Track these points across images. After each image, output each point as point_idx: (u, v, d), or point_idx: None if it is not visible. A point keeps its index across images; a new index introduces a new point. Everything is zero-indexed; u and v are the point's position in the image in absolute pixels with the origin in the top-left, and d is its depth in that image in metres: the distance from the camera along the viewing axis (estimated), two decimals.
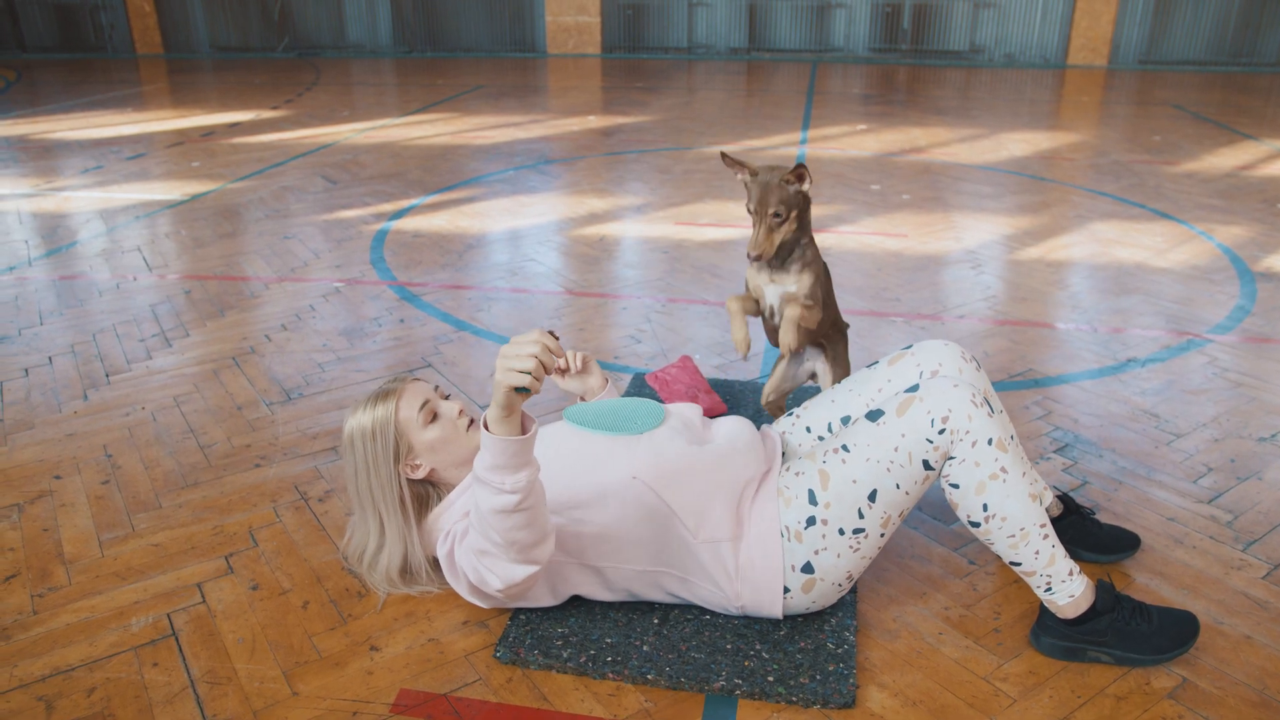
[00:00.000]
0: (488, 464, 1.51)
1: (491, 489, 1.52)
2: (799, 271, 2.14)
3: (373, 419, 1.83)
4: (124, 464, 2.43)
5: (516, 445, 1.49)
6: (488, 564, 1.62)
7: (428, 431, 1.84)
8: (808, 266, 2.15)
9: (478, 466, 1.53)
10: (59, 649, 1.79)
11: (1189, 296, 3.63)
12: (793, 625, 1.79)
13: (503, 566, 1.61)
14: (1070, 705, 1.65)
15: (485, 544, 1.60)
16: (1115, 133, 7.02)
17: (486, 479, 1.52)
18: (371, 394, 1.88)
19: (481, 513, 1.56)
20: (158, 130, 7.11)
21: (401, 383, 1.89)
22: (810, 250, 2.16)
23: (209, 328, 3.31)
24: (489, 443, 1.50)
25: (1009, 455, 1.66)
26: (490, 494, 1.52)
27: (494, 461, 1.50)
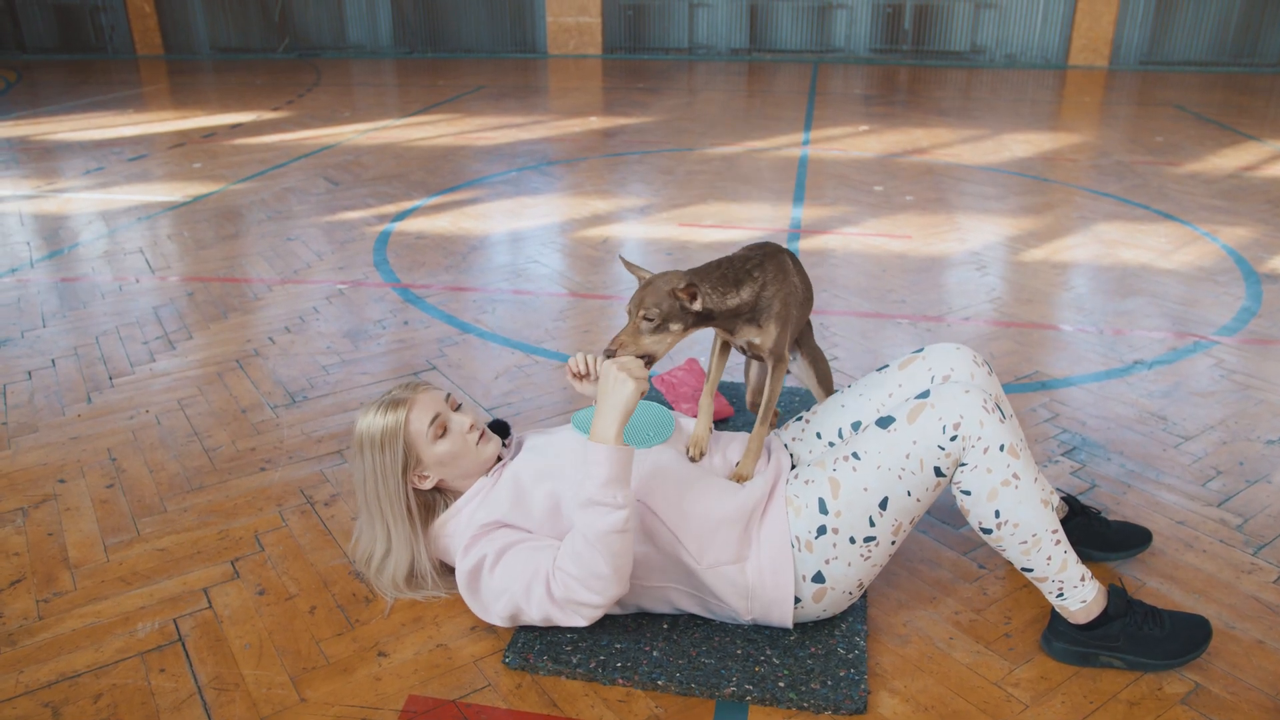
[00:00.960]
0: (603, 479, 1.53)
1: (605, 508, 1.54)
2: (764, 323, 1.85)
3: (382, 429, 1.80)
4: (128, 467, 2.42)
5: (628, 457, 1.56)
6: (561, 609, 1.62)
7: (438, 446, 1.82)
8: (772, 317, 1.84)
9: (587, 491, 1.53)
10: (65, 655, 1.78)
11: (1194, 298, 3.62)
12: (803, 631, 1.78)
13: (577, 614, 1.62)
14: (1083, 711, 1.64)
15: (583, 589, 1.58)
16: (1117, 133, 7.01)
17: (601, 498, 1.53)
18: (382, 399, 1.86)
19: (590, 541, 1.55)
20: (159, 131, 7.10)
21: (413, 391, 1.86)
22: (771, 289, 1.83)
23: (212, 330, 3.30)
24: (609, 456, 1.53)
25: (1020, 461, 1.65)
26: (602, 515, 1.54)
27: (610, 475, 1.53)
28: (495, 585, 1.70)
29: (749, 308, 1.79)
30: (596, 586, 1.58)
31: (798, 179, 5.50)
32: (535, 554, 1.67)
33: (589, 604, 1.61)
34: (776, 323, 1.83)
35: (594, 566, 1.56)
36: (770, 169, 5.75)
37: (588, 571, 1.57)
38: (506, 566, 1.69)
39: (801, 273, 1.91)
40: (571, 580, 1.59)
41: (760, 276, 1.78)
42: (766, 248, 1.90)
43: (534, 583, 1.63)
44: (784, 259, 1.85)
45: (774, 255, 1.84)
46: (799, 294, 1.87)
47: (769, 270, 1.80)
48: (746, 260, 1.81)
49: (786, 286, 1.83)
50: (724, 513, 1.69)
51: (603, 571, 1.56)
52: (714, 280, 1.79)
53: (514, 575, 1.67)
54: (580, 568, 1.57)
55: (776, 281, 1.82)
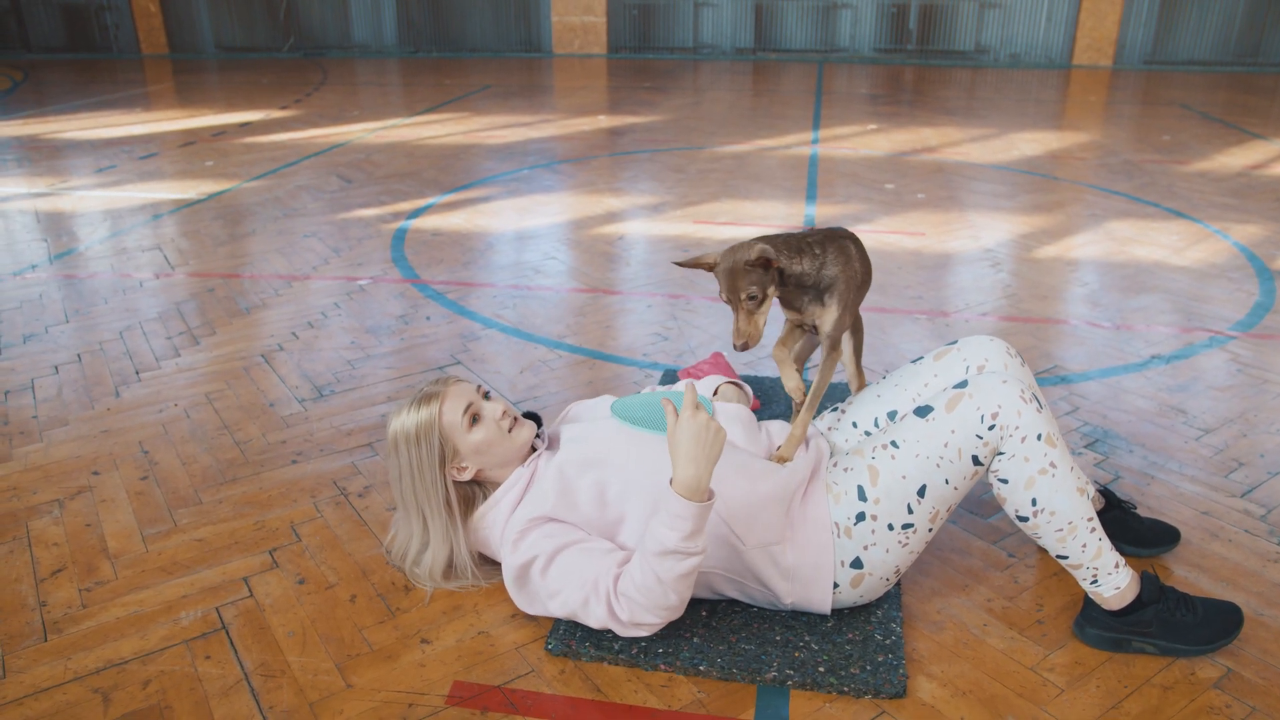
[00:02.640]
0: (685, 533, 1.53)
1: (681, 556, 1.55)
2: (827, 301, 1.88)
3: (416, 423, 1.83)
4: (161, 460, 2.44)
5: (710, 508, 1.55)
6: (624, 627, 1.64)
7: (472, 435, 1.84)
8: (834, 295, 1.87)
9: (667, 542, 1.53)
10: (110, 642, 1.80)
11: (1208, 294, 3.65)
12: (840, 617, 1.81)
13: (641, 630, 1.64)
14: (1117, 695, 1.67)
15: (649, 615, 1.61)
16: (1124, 132, 7.04)
17: (681, 548, 1.54)
18: (414, 395, 1.88)
19: (665, 581, 1.56)
20: (168, 130, 7.12)
21: (444, 385, 1.88)
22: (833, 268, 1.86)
23: (235, 325, 3.32)
24: (693, 513, 1.53)
25: (1057, 450, 1.67)
26: (678, 562, 1.55)
27: (693, 528, 1.54)
28: (549, 587, 1.71)
29: (811, 280, 1.83)
30: (663, 614, 1.62)
31: (809, 177, 5.53)
32: (590, 562, 1.68)
33: (653, 624, 1.65)
34: (839, 303, 1.86)
35: (664, 600, 1.59)
36: (781, 167, 5.78)
37: (656, 604, 1.60)
38: (560, 571, 1.70)
39: (864, 257, 1.94)
40: (638, 608, 1.62)
41: (821, 255, 1.83)
42: (831, 230, 1.94)
43: (593, 600, 1.65)
44: (846, 244, 1.87)
45: (836, 238, 1.87)
46: (858, 278, 1.90)
47: (830, 251, 1.84)
48: (807, 236, 1.85)
49: (848, 270, 1.86)
50: (766, 492, 1.72)
51: (672, 603, 1.60)
52: (777, 243, 1.85)
53: (569, 583, 1.68)
54: (648, 599, 1.60)
55: (838, 263, 1.85)
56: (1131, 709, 1.64)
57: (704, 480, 1.54)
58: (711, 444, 1.54)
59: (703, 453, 1.53)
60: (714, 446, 1.54)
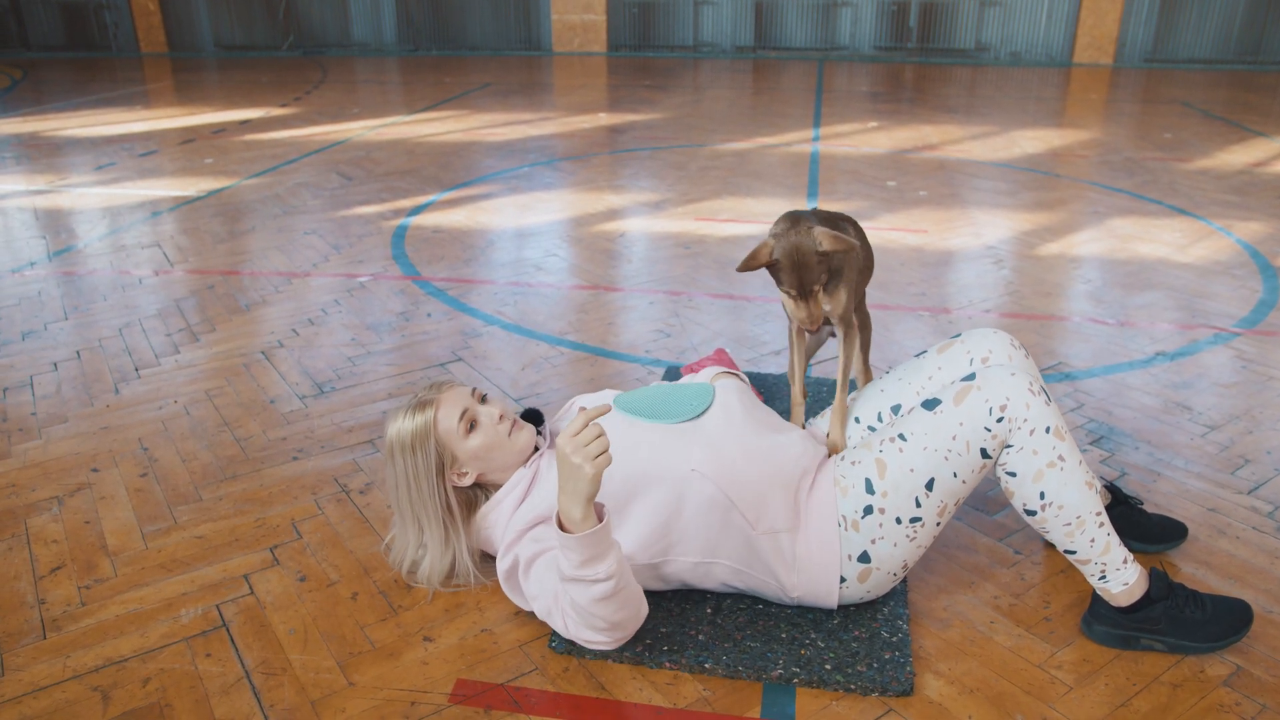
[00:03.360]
0: (576, 563, 1.51)
1: (584, 584, 1.53)
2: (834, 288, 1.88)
3: (411, 431, 1.81)
4: (160, 457, 2.43)
5: (602, 533, 1.50)
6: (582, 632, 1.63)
7: (470, 440, 1.82)
8: (842, 281, 1.88)
9: (565, 569, 1.53)
10: (110, 640, 1.78)
11: (1212, 291, 3.63)
12: (846, 614, 1.79)
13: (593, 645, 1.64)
14: (1126, 693, 1.65)
15: (593, 634, 1.61)
16: (1125, 130, 7.03)
17: (579, 576, 1.52)
18: (408, 403, 1.86)
19: (579, 606, 1.56)
20: (168, 128, 7.11)
21: (438, 391, 1.86)
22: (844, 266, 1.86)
23: (234, 322, 3.31)
24: (574, 543, 1.49)
25: (1066, 444, 1.66)
26: (584, 589, 1.53)
27: (583, 558, 1.50)
28: (529, 589, 1.72)
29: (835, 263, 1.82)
30: (602, 635, 1.62)
31: (810, 174, 5.51)
32: (551, 572, 1.67)
33: (603, 644, 1.65)
34: (846, 288, 1.86)
35: (591, 623, 1.60)
36: (782, 164, 5.76)
37: (589, 625, 1.60)
38: (536, 576, 1.71)
39: (864, 240, 1.94)
40: (578, 626, 1.62)
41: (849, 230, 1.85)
42: (830, 214, 1.93)
43: (554, 611, 1.66)
44: (847, 228, 1.89)
45: (837, 221, 1.87)
46: (860, 260, 1.90)
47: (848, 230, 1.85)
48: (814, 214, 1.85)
49: (853, 252, 1.85)
50: (773, 476, 1.71)
51: (601, 628, 1.60)
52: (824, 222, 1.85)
53: (543, 591, 1.69)
54: (582, 619, 1.60)
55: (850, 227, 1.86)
56: (1141, 707, 1.62)
57: (575, 511, 1.49)
58: (573, 477, 1.48)
59: (567, 485, 1.49)
60: (577, 480, 1.47)
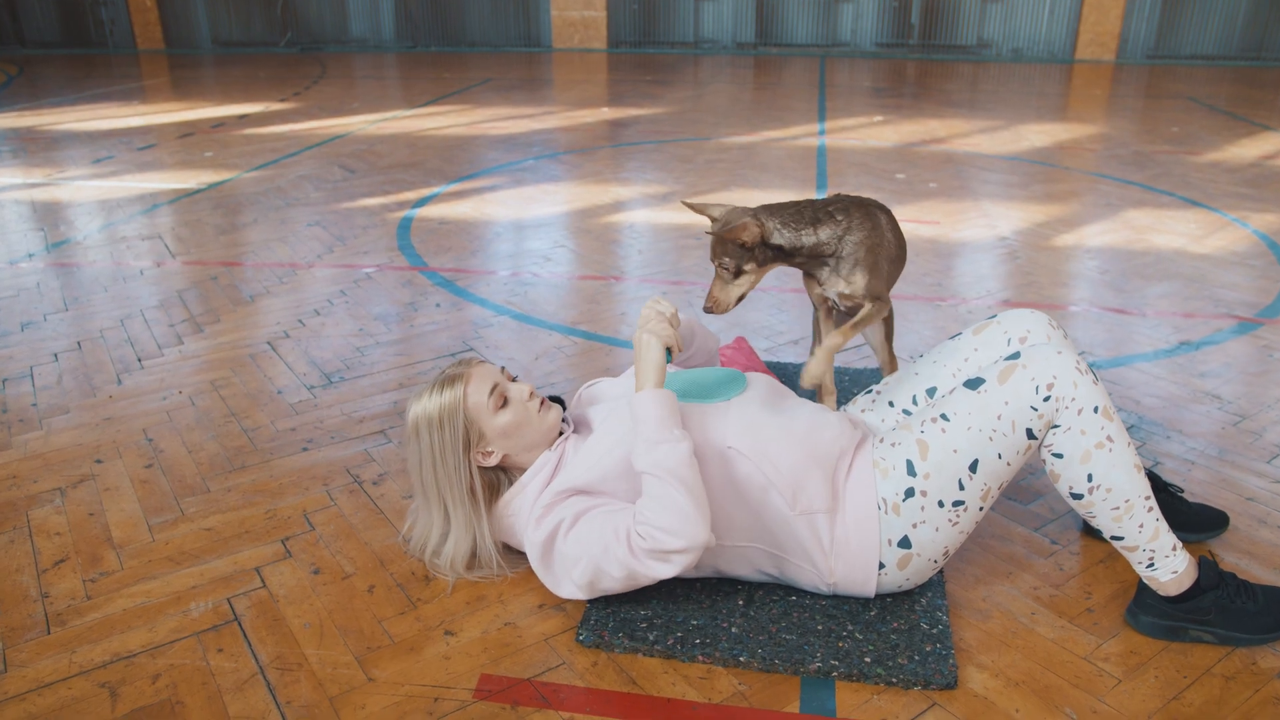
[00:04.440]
0: (657, 418, 1.58)
1: (668, 444, 1.57)
2: (847, 273, 1.87)
3: (439, 406, 1.75)
4: (166, 448, 2.35)
5: (673, 397, 1.64)
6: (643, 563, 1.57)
7: (499, 417, 1.76)
8: (858, 265, 1.86)
9: (647, 434, 1.58)
10: (118, 635, 1.71)
11: (1232, 281, 3.58)
12: (883, 606, 1.73)
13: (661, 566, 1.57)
14: (1177, 685, 1.59)
15: (668, 536, 1.53)
16: (1132, 124, 6.98)
17: (661, 436, 1.57)
18: (436, 379, 1.80)
19: (663, 480, 1.55)
20: (166, 122, 7.02)
21: (467, 366, 1.80)
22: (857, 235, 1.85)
23: (240, 313, 3.23)
24: (654, 397, 1.60)
25: (1114, 424, 1.60)
26: (668, 451, 1.56)
27: (662, 413, 1.59)
28: (571, 551, 1.64)
29: (829, 251, 1.77)
30: (682, 529, 1.52)
31: (818, 167, 5.45)
32: (612, 516, 1.62)
33: (676, 549, 1.54)
34: (863, 271, 1.82)
35: (675, 502, 1.52)
36: (789, 157, 5.70)
37: (670, 510, 1.52)
38: (583, 529, 1.63)
39: (896, 230, 1.87)
40: (655, 530, 1.53)
41: (844, 220, 1.77)
42: (856, 197, 1.88)
43: (613, 543, 1.58)
44: (874, 211, 1.81)
45: (863, 205, 1.80)
46: (890, 249, 1.83)
47: (855, 217, 1.77)
48: (830, 203, 1.80)
49: (875, 236, 1.79)
50: (811, 455, 1.64)
51: (684, 505, 1.52)
52: (786, 215, 1.82)
53: (592, 537, 1.61)
54: (661, 509, 1.52)
55: (863, 229, 1.79)
56: (1194, 700, 1.56)
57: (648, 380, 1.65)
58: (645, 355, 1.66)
59: (640, 364, 1.67)
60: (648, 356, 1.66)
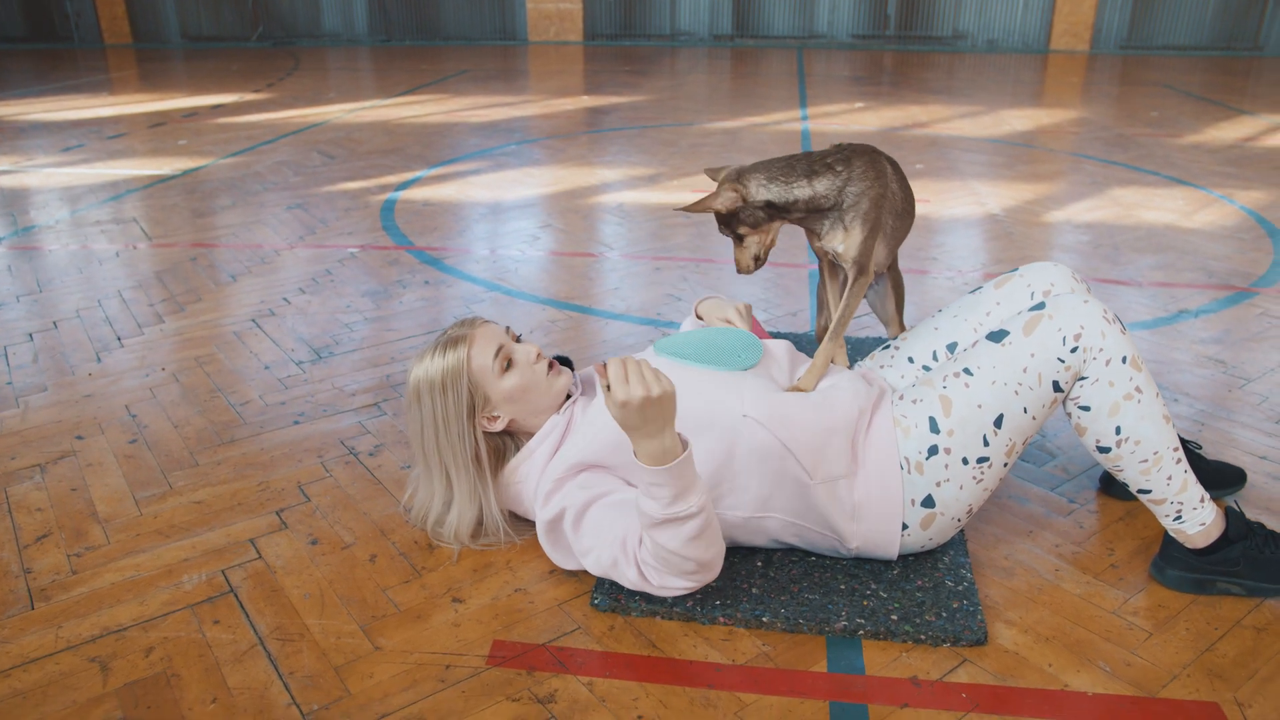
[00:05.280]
0: (667, 500, 1.38)
1: (677, 523, 1.40)
2: (849, 223, 1.72)
3: (442, 369, 1.67)
4: (151, 423, 2.26)
5: (690, 460, 1.39)
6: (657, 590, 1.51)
7: (505, 380, 1.69)
8: (858, 216, 1.71)
9: (654, 513, 1.39)
10: (106, 609, 1.63)
11: (1224, 254, 3.57)
12: (905, 564, 1.68)
13: (677, 591, 1.51)
14: (1208, 638, 1.55)
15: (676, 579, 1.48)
16: (1112, 109, 7.01)
17: (671, 515, 1.39)
18: (438, 341, 1.73)
19: (670, 552, 1.43)
20: (136, 112, 6.87)
21: (471, 327, 1.72)
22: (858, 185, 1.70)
23: (223, 292, 3.14)
24: (665, 476, 1.36)
25: (1143, 375, 1.56)
26: (676, 530, 1.40)
27: (674, 492, 1.38)
28: (581, 543, 1.56)
29: (829, 202, 1.66)
30: (690, 578, 1.49)
31: (803, 150, 5.41)
32: (619, 516, 1.53)
33: (687, 587, 1.51)
34: (863, 225, 1.67)
35: (682, 566, 1.46)
36: (774, 141, 5.66)
37: (677, 570, 1.47)
38: (590, 526, 1.55)
39: (903, 181, 1.77)
40: (662, 574, 1.48)
41: (844, 171, 1.64)
42: (861, 145, 1.74)
43: (622, 562, 1.51)
44: (879, 160, 1.68)
45: (868, 153, 1.67)
46: (897, 202, 1.72)
47: (856, 167, 1.64)
48: (828, 154, 1.68)
49: (879, 187, 1.67)
50: (831, 421, 1.58)
51: (691, 569, 1.46)
52: (775, 170, 1.68)
53: (600, 541, 1.54)
54: (667, 566, 1.46)
55: (866, 179, 1.66)
56: (1227, 651, 1.52)
57: (664, 443, 1.37)
58: (660, 409, 1.35)
59: (652, 424, 1.36)
60: (664, 409, 1.35)
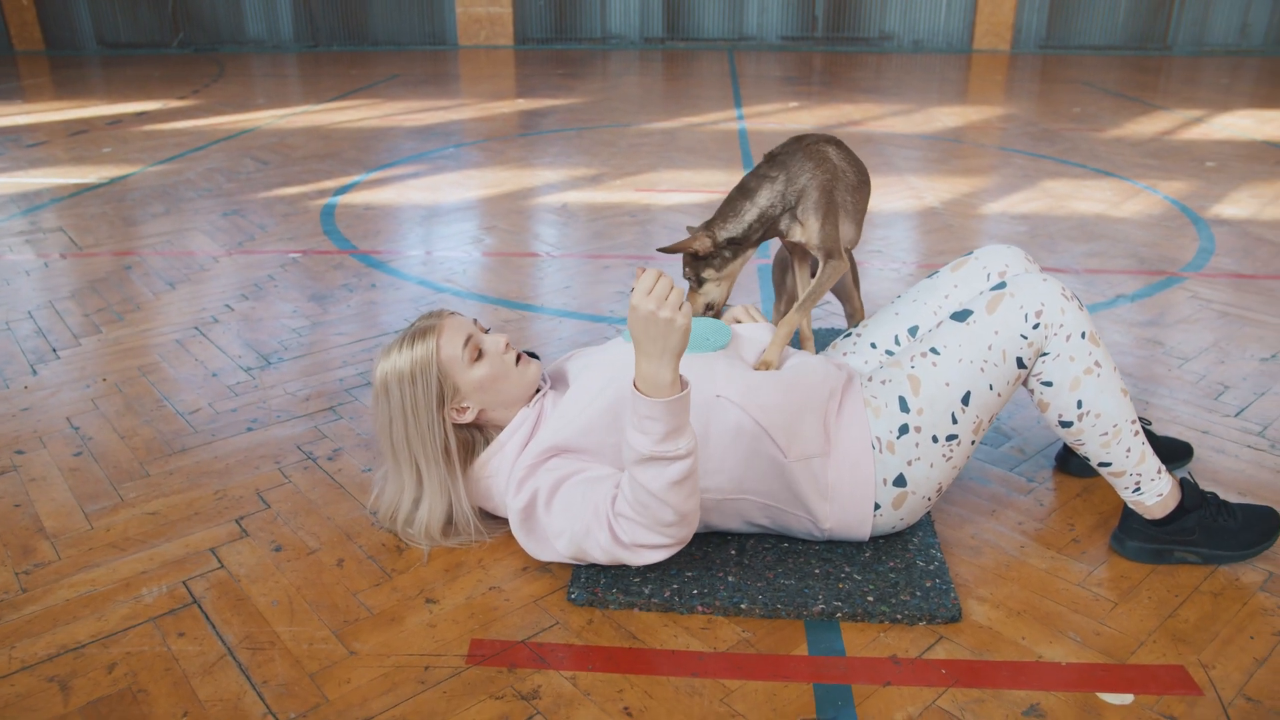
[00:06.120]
0: (659, 436, 1.35)
1: (664, 462, 1.37)
2: (801, 221, 1.81)
3: (411, 361, 1.65)
4: (95, 435, 2.18)
5: (687, 399, 1.37)
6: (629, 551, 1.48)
7: (475, 370, 1.67)
8: (810, 207, 1.80)
9: (642, 448, 1.36)
10: (62, 626, 1.56)
11: (1154, 241, 3.70)
12: (877, 547, 1.70)
13: (650, 553, 1.48)
14: (1170, 605, 1.60)
15: (650, 534, 1.45)
16: (1036, 106, 7.21)
17: (659, 453, 1.36)
18: (405, 333, 1.70)
19: (650, 495, 1.39)
20: (55, 120, 6.62)
21: (438, 318, 1.70)
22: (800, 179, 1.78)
23: (162, 300, 3.04)
24: (661, 411, 1.34)
25: (1101, 349, 1.60)
26: (661, 469, 1.37)
27: (668, 428, 1.35)
28: (553, 525, 1.56)
29: (779, 208, 1.77)
30: (665, 532, 1.46)
31: (742, 148, 5.46)
32: (591, 489, 1.53)
33: (659, 545, 1.48)
34: (816, 214, 1.76)
35: (660, 515, 1.43)
36: (712, 140, 5.70)
37: (653, 520, 1.44)
38: (562, 504, 1.55)
39: (851, 157, 1.84)
40: (636, 527, 1.46)
41: (780, 174, 1.75)
42: (800, 140, 1.83)
43: (594, 526, 1.49)
44: (818, 147, 1.78)
45: (807, 145, 1.77)
46: (848, 178, 1.80)
47: (794, 164, 1.74)
48: (759, 167, 1.79)
49: (823, 173, 1.75)
50: (803, 399, 1.60)
51: (669, 519, 1.44)
52: (726, 210, 1.83)
53: (572, 514, 1.53)
54: (644, 516, 1.44)
55: (805, 171, 1.75)
56: (1188, 616, 1.57)
57: (664, 374, 1.34)
58: (665, 334, 1.33)
59: (654, 345, 1.34)
60: (669, 337, 1.33)
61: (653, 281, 1.33)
